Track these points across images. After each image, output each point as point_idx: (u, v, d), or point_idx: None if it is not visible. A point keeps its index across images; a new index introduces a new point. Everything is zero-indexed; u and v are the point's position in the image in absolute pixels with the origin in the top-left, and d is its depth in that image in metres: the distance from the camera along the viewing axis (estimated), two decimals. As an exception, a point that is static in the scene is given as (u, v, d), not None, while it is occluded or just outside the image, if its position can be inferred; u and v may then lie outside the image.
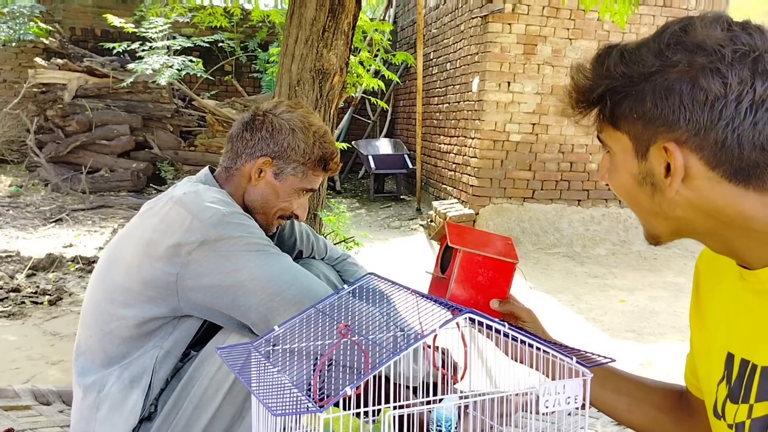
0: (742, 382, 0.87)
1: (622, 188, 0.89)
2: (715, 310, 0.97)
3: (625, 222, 6.36)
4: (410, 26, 9.59)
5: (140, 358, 1.38)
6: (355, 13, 2.72)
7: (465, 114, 6.85)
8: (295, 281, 1.35)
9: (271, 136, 1.49)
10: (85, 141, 7.74)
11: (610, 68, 0.82)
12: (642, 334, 3.83)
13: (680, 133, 0.79)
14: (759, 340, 0.84)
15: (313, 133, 1.50)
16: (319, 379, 1.08)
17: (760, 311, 0.84)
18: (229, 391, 1.35)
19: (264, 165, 1.49)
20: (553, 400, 0.98)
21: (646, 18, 6.21)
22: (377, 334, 1.23)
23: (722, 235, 0.83)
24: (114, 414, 1.34)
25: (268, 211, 1.52)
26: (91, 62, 8.19)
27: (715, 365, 0.93)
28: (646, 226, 0.91)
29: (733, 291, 0.91)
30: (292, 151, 1.49)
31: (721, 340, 0.93)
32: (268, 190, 1.51)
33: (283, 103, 1.55)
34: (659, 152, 0.81)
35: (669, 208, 0.84)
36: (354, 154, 9.74)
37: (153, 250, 1.34)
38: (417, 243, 6.31)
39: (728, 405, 0.89)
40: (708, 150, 0.78)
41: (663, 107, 0.79)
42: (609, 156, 0.91)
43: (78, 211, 6.63)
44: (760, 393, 0.83)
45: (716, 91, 0.76)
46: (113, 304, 1.38)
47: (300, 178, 1.51)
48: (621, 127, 0.84)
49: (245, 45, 9.21)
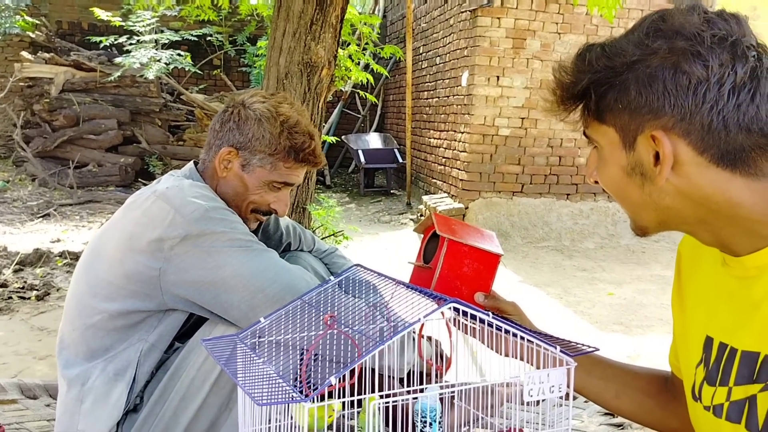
0: (719, 365, 0.88)
1: (611, 181, 0.89)
2: (694, 294, 0.98)
3: (613, 216, 6.40)
4: (400, 20, 9.57)
5: (125, 351, 1.37)
6: (343, 6, 2.72)
7: (454, 108, 6.85)
8: (277, 278, 1.33)
9: (237, 126, 1.45)
10: (72, 135, 7.68)
11: (592, 62, 0.83)
12: (630, 327, 3.86)
13: (666, 119, 0.80)
14: (740, 325, 0.85)
15: (281, 123, 1.44)
16: (306, 370, 1.08)
17: (741, 296, 0.85)
18: (216, 382, 1.35)
19: (229, 156, 1.45)
20: (537, 389, 0.99)
21: (635, 12, 6.23)
22: (363, 325, 1.23)
23: (710, 224, 0.84)
24: (98, 407, 1.34)
25: (239, 204, 1.47)
26: (78, 56, 8.12)
27: (693, 348, 0.95)
28: (634, 218, 0.91)
29: (714, 276, 0.92)
30: (257, 141, 1.44)
31: (699, 323, 0.94)
32: (236, 183, 1.47)
33: (259, 93, 1.51)
34: (647, 141, 0.82)
35: (658, 198, 0.84)
36: (344, 149, 9.72)
37: (135, 244, 1.33)
38: (407, 237, 6.32)
39: (705, 387, 0.91)
40: (695, 134, 0.79)
41: (647, 95, 0.80)
42: (596, 152, 0.91)
43: (65, 206, 6.59)
44: (739, 377, 0.84)
45: (699, 75, 0.77)
46: (96, 298, 1.37)
47: (269, 170, 1.46)
48: (607, 120, 0.85)
49: (234, 39, 9.17)
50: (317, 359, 1.22)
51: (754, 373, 0.81)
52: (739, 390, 0.84)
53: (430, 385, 1.03)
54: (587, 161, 0.95)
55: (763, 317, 0.80)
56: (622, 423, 1.78)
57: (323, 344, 1.17)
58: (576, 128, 0.93)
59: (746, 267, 0.84)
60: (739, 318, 0.85)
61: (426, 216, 1.47)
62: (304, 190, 2.87)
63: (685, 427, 1.07)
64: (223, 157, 1.46)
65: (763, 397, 0.80)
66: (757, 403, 0.81)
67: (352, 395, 0.94)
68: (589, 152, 0.94)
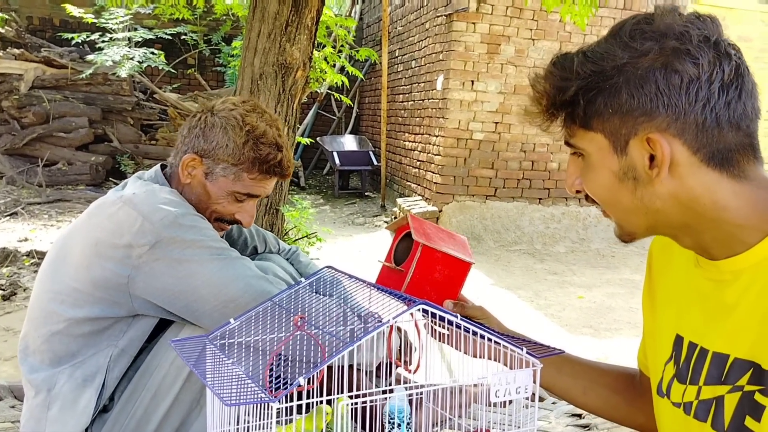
0: (689, 364, 0.89)
1: (601, 188, 0.88)
2: (665, 293, 0.99)
3: (584, 220, 6.49)
4: (376, 23, 9.59)
5: (93, 357, 1.35)
6: (319, 8, 2.72)
7: (429, 112, 6.89)
8: (248, 288, 1.32)
9: (203, 133, 1.42)
10: (42, 133, 7.54)
11: (578, 69, 0.83)
12: (599, 330, 3.91)
13: (660, 120, 0.80)
14: (711, 326, 0.86)
15: (247, 132, 1.40)
16: (274, 371, 1.08)
17: (714, 299, 0.86)
18: (188, 378, 1.34)
19: (192, 163, 1.42)
20: (503, 390, 1.01)
21: (607, 20, 6.33)
22: (333, 326, 1.24)
23: (694, 228, 0.85)
24: (65, 413, 1.32)
25: (202, 212, 1.42)
26: (48, 52, 7.98)
27: (663, 345, 0.96)
28: (622, 224, 0.90)
29: (686, 276, 0.93)
30: (220, 149, 1.39)
31: (670, 321, 0.95)
32: (200, 190, 1.43)
33: (231, 100, 1.47)
34: (641, 144, 0.81)
35: (649, 202, 0.84)
36: (319, 151, 9.70)
37: (102, 250, 1.30)
38: (381, 239, 6.32)
39: (675, 384, 0.92)
40: (689, 133, 0.79)
41: (640, 96, 0.80)
42: (580, 160, 0.90)
43: (34, 205, 6.47)
44: (708, 377, 0.85)
45: (690, 73, 0.78)
46: (63, 305, 1.34)
47: (232, 180, 1.41)
48: (594, 126, 0.85)
49: (209, 38, 9.10)
50: (287, 360, 1.22)
51: (722, 374, 0.83)
52: (708, 390, 0.85)
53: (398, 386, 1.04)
54: (567, 171, 0.94)
55: (735, 321, 0.82)
56: (589, 424, 1.81)
57: (292, 345, 1.17)
58: (549, 133, 0.92)
59: (721, 271, 0.85)
60: (710, 319, 0.86)
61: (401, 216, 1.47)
62: (277, 192, 2.86)
63: (650, 422, 1.09)
64: (186, 163, 1.42)
65: (730, 398, 0.81)
66: (724, 404, 0.82)
67: (321, 395, 0.94)
68: (569, 162, 0.93)
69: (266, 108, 1.52)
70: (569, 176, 0.93)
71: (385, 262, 1.40)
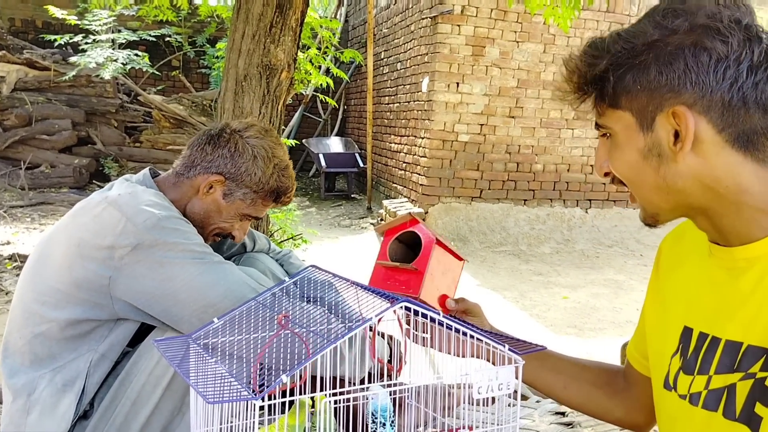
0: (698, 354, 0.89)
1: (626, 166, 0.88)
2: (674, 288, 0.99)
3: (569, 221, 6.53)
4: (362, 25, 9.60)
5: (74, 362, 1.33)
6: (303, 10, 2.72)
7: (415, 114, 6.91)
8: (228, 293, 1.32)
9: (231, 156, 1.47)
10: (24, 136, 7.47)
11: (609, 46, 0.84)
12: (583, 330, 3.95)
13: (687, 96, 0.80)
14: (724, 315, 0.86)
15: (275, 165, 1.49)
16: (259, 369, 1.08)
17: (728, 287, 0.86)
18: (168, 386, 1.33)
19: (216, 182, 1.46)
20: (486, 387, 1.01)
21: (590, 23, 6.39)
22: (317, 325, 1.24)
23: (715, 210, 0.85)
24: (45, 419, 1.30)
25: (206, 226, 1.48)
26: (31, 54, 7.91)
27: (669, 339, 0.95)
28: (646, 205, 0.91)
29: (698, 267, 0.94)
30: (248, 176, 1.47)
31: (678, 315, 0.95)
32: (212, 207, 1.48)
33: (255, 127, 1.53)
34: (667, 119, 0.82)
35: (672, 181, 0.84)
36: (305, 153, 9.69)
37: (85, 250, 1.30)
38: (367, 241, 6.33)
39: (681, 376, 0.91)
40: (715, 111, 0.80)
41: (668, 73, 0.80)
42: (608, 141, 0.90)
43: (16, 208, 6.41)
44: (720, 366, 0.85)
45: (720, 51, 0.78)
46: (45, 306, 1.33)
47: (248, 204, 1.49)
48: (622, 104, 0.85)
49: (193, 40, 9.06)
50: (270, 359, 1.22)
51: (735, 362, 0.83)
52: (719, 378, 0.85)
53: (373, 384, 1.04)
54: (597, 153, 0.94)
55: (750, 308, 0.82)
56: (572, 422, 1.82)
57: (276, 344, 1.17)
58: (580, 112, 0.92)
59: (735, 258, 0.85)
60: (723, 308, 0.87)
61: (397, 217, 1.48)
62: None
63: (628, 417, 1.11)
64: (210, 181, 1.46)
65: (742, 385, 0.81)
66: (736, 392, 0.82)
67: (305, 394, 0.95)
68: (598, 145, 0.94)
69: (280, 139, 1.62)
70: (598, 158, 0.93)
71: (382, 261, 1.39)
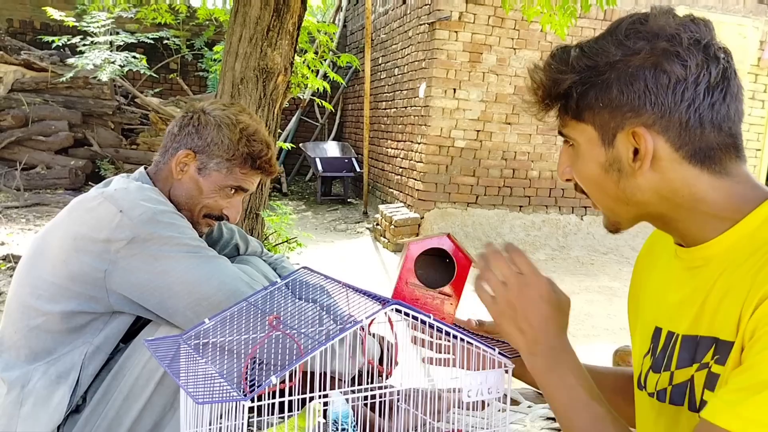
0: (665, 352, 0.92)
1: (587, 178, 0.92)
2: (647, 292, 1.03)
3: (564, 228, 6.54)
4: (360, 30, 9.63)
5: (68, 354, 1.35)
6: (300, 14, 2.73)
7: (412, 119, 6.92)
8: (222, 286, 1.33)
9: (196, 131, 1.48)
10: (20, 136, 7.46)
11: (573, 63, 0.86)
12: (577, 336, 3.95)
13: (647, 116, 0.83)
14: (683, 311, 0.90)
15: (240, 130, 1.47)
16: (249, 370, 1.08)
17: (689, 285, 0.90)
18: (161, 382, 1.34)
19: (186, 158, 1.47)
20: (475, 391, 1.02)
21: (587, 31, 6.42)
22: (308, 327, 1.24)
23: (671, 217, 0.89)
24: (38, 410, 1.31)
25: (192, 207, 1.48)
26: (28, 55, 7.91)
27: (643, 340, 0.99)
28: (608, 215, 0.94)
29: (666, 271, 0.98)
30: (215, 146, 1.46)
31: (650, 316, 0.99)
32: (191, 185, 1.48)
33: (219, 101, 1.54)
34: (627, 138, 0.85)
35: (632, 193, 0.88)
36: (302, 157, 9.69)
37: (80, 244, 1.32)
38: (363, 246, 6.33)
39: (650, 375, 0.95)
40: (673, 131, 0.83)
41: (629, 93, 0.84)
42: (571, 149, 0.93)
43: (12, 209, 6.39)
44: (680, 361, 0.88)
45: (678, 74, 0.82)
46: (40, 300, 1.35)
47: (224, 174, 1.48)
48: (585, 118, 0.88)
49: (191, 43, 9.07)
50: (260, 360, 1.23)
51: (693, 356, 0.86)
52: (681, 373, 0.88)
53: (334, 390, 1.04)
54: (560, 159, 0.97)
55: (704, 303, 0.86)
56: (564, 427, 1.81)
57: (267, 345, 1.17)
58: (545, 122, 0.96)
59: (694, 258, 0.89)
60: (684, 306, 0.90)
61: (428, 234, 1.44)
62: (257, 196, 2.86)
63: None
64: (180, 159, 1.47)
65: (698, 376, 0.85)
66: (695, 383, 0.86)
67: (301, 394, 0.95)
68: (561, 151, 0.96)
69: (251, 112, 1.59)
70: (561, 164, 0.96)
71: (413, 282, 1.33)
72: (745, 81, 6.96)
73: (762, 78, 7.05)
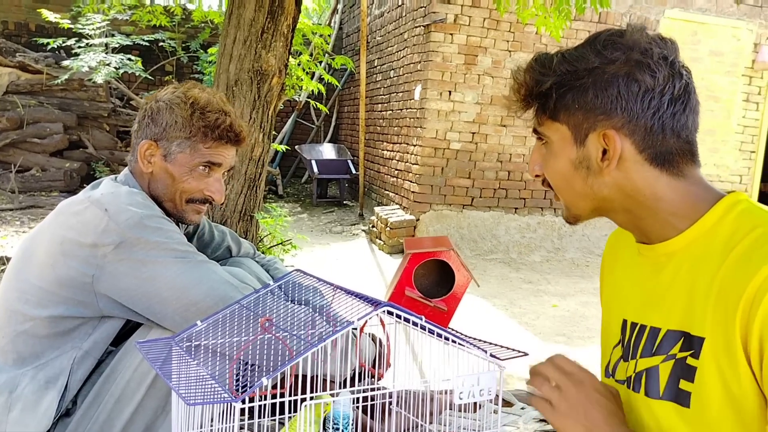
0: (630, 342, 1.00)
1: (557, 173, 1.00)
2: (613, 286, 1.11)
3: (559, 230, 6.55)
4: (355, 33, 9.63)
5: (57, 359, 1.34)
6: (295, 16, 2.73)
7: (407, 121, 6.93)
8: (211, 292, 1.33)
9: (152, 120, 1.46)
10: (15, 139, 7.44)
11: (555, 67, 0.95)
12: (572, 338, 3.95)
13: (617, 120, 0.92)
14: (649, 305, 0.97)
15: (191, 105, 1.44)
16: (239, 372, 1.08)
17: (652, 280, 0.98)
18: (152, 384, 1.33)
19: (149, 149, 1.45)
20: (467, 392, 1.02)
21: (582, 33, 6.43)
22: (301, 329, 1.24)
23: (634, 213, 0.97)
24: (27, 415, 1.30)
25: (172, 197, 1.46)
26: (23, 57, 7.89)
27: (612, 333, 1.07)
28: (570, 207, 1.02)
29: (630, 266, 1.05)
30: (170, 128, 1.44)
31: (619, 309, 1.06)
32: (163, 175, 1.45)
33: (170, 86, 1.51)
34: (598, 139, 0.94)
35: (598, 189, 0.96)
36: (297, 159, 9.69)
37: (68, 248, 1.31)
38: (358, 248, 6.33)
39: (621, 364, 1.02)
40: (639, 135, 0.92)
41: (603, 97, 0.92)
42: (543, 147, 1.02)
43: (6, 211, 6.38)
44: (644, 351, 0.96)
45: (647, 84, 0.91)
46: (27, 304, 1.34)
47: (189, 154, 1.44)
48: (560, 118, 0.96)
49: (187, 45, 9.06)
50: (252, 362, 1.22)
51: (654, 346, 0.94)
52: (642, 362, 0.97)
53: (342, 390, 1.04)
54: (531, 156, 1.05)
55: (668, 298, 0.94)
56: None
57: (259, 347, 1.17)
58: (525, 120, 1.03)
59: (657, 254, 0.97)
60: (649, 299, 0.98)
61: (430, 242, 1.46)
62: (251, 198, 2.86)
63: None
64: (143, 151, 1.45)
65: (664, 366, 0.92)
66: (659, 373, 0.93)
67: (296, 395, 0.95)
68: (534, 148, 1.04)
69: (205, 86, 1.56)
70: (532, 161, 1.04)
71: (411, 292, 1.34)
72: (740, 83, 6.99)
73: (756, 80, 7.07)
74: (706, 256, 0.90)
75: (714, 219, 0.91)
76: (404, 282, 1.31)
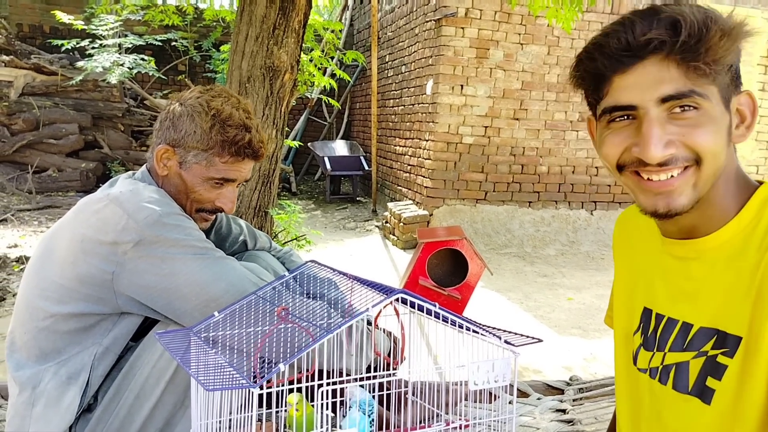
0: (656, 333, 0.98)
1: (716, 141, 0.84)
2: (629, 268, 1.09)
3: (574, 223, 6.52)
4: (366, 29, 9.63)
5: (78, 355, 1.36)
6: (306, 12, 2.74)
7: (419, 116, 6.92)
8: (230, 288, 1.33)
9: (173, 123, 1.43)
10: (31, 140, 7.53)
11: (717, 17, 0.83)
12: (587, 330, 3.94)
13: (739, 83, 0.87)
14: (680, 298, 0.95)
15: (212, 117, 1.40)
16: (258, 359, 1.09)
17: (681, 275, 0.95)
18: (171, 380, 1.35)
19: (166, 154, 1.43)
20: (482, 379, 1.03)
21: (594, 24, 6.39)
22: (317, 318, 1.26)
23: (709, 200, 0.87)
24: (50, 411, 1.32)
25: (183, 203, 1.44)
26: (38, 59, 7.97)
27: (632, 318, 1.05)
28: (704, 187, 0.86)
29: (651, 255, 1.02)
30: (189, 137, 1.41)
31: (639, 295, 1.04)
32: (177, 180, 1.44)
33: (198, 89, 1.47)
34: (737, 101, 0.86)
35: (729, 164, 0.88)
36: (310, 156, 9.72)
37: (88, 246, 1.32)
38: (372, 244, 6.34)
39: (642, 352, 1.01)
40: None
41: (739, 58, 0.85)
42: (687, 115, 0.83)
43: (24, 212, 6.46)
44: (674, 345, 0.95)
45: None
46: (48, 301, 1.35)
47: (205, 167, 1.42)
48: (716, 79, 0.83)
49: (199, 44, 9.11)
50: (270, 350, 1.24)
51: (685, 342, 0.93)
52: (672, 356, 0.95)
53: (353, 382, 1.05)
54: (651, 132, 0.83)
55: (701, 294, 0.92)
56: (573, 419, 1.83)
57: (276, 336, 1.18)
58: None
59: (686, 250, 0.94)
60: (680, 293, 0.95)
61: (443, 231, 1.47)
62: (266, 194, 2.88)
63: None
64: (160, 155, 1.44)
65: (695, 362, 0.91)
66: (689, 368, 0.92)
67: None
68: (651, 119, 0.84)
69: (233, 93, 1.51)
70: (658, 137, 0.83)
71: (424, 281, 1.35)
72: (755, 72, 6.91)
73: (772, 69, 7.00)
74: (743, 252, 0.86)
75: (750, 214, 0.87)
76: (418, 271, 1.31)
